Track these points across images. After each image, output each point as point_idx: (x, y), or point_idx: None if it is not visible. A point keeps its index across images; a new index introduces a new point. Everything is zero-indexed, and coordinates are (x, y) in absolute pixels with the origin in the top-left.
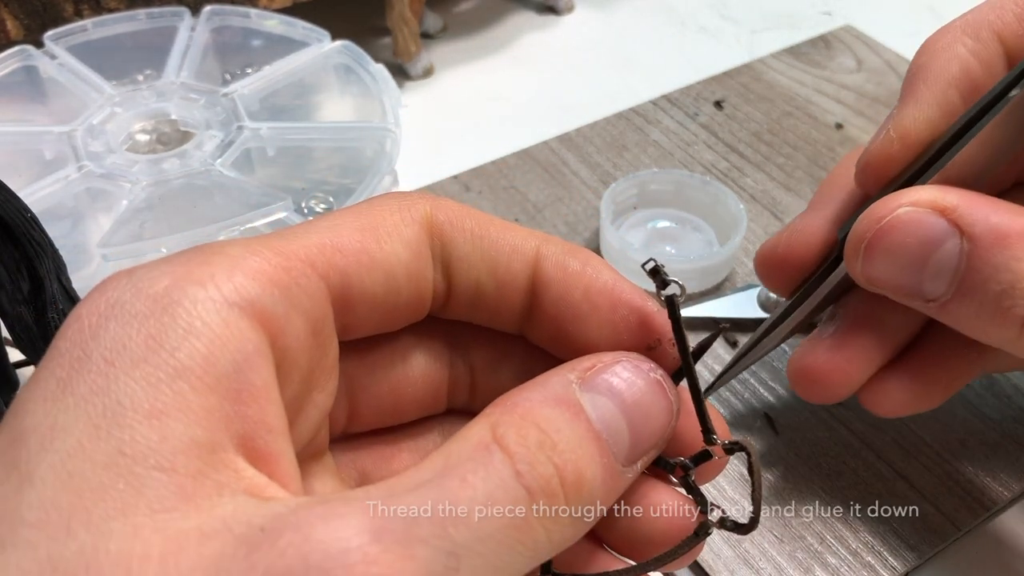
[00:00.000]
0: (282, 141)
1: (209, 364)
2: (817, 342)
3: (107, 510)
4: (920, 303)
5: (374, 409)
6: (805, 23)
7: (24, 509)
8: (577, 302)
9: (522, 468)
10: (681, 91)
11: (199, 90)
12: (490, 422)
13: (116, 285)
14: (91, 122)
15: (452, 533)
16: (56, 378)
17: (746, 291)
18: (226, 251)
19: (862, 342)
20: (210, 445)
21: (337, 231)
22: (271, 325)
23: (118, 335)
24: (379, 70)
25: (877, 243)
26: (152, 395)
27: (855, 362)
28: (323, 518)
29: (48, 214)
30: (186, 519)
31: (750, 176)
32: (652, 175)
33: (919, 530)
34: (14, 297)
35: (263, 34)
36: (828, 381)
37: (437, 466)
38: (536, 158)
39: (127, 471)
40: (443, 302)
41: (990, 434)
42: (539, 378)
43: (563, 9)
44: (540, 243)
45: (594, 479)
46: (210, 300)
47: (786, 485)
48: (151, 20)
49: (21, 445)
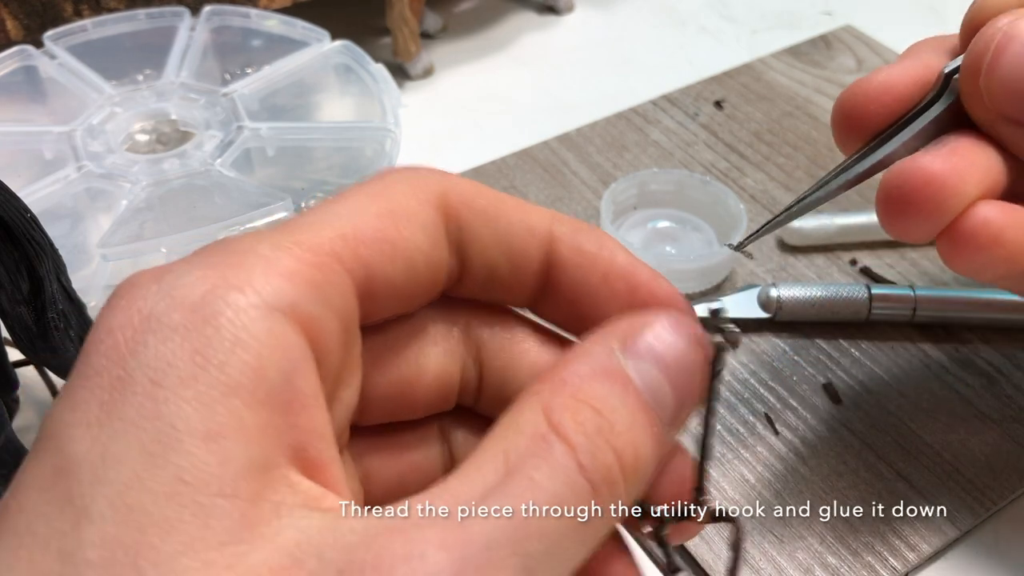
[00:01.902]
0: (282, 141)
1: (259, 377)
2: (927, 152)
3: (175, 545)
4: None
5: (384, 401)
6: (805, 23)
7: (86, 548)
8: (595, 286)
9: (584, 460)
10: (681, 91)
11: (199, 90)
12: (542, 404)
13: (145, 293)
14: (91, 122)
15: (526, 547)
16: (98, 401)
17: (746, 291)
18: (256, 250)
19: (977, 157)
20: (266, 463)
21: (357, 219)
22: (311, 328)
23: (161, 352)
24: (379, 70)
25: (1005, 48)
26: (207, 416)
27: (974, 169)
28: (404, 559)
29: (48, 214)
30: (254, 551)
31: (750, 176)
32: (652, 175)
33: (919, 530)
34: (14, 297)
35: (263, 34)
36: (943, 185)
37: (498, 466)
38: (536, 158)
39: (190, 501)
40: (455, 282)
41: (990, 434)
42: (581, 347)
43: (563, 9)
44: (553, 223)
45: (647, 454)
46: (252, 307)
47: (786, 485)
48: (151, 20)
49: (70, 476)
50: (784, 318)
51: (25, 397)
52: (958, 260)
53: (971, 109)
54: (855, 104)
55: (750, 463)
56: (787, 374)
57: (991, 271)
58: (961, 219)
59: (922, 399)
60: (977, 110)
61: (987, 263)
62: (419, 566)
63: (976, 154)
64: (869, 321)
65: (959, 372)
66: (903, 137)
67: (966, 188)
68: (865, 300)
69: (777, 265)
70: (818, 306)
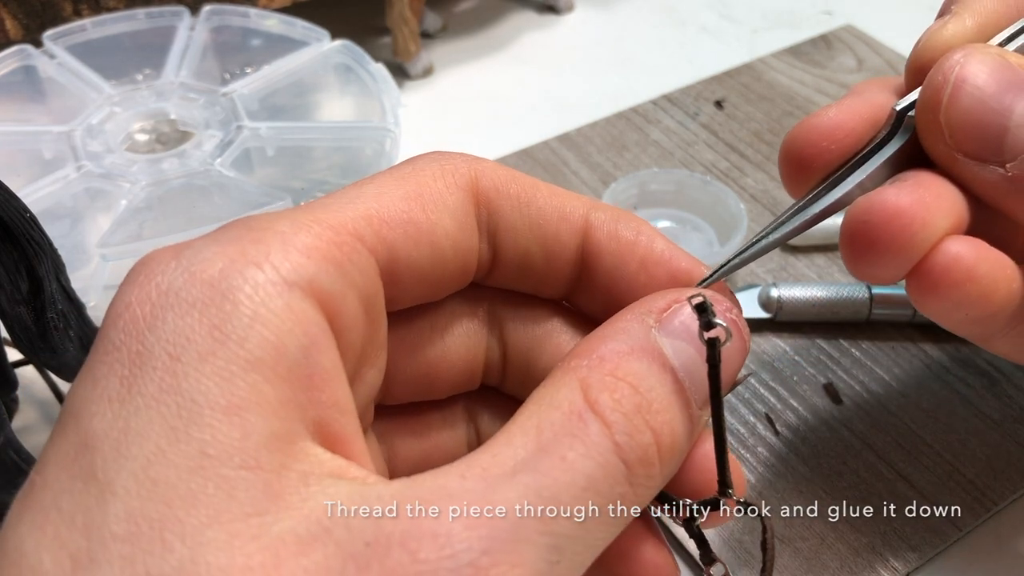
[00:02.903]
0: (281, 141)
1: (279, 352)
2: (891, 186)
3: (200, 518)
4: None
5: (409, 382)
6: (806, 23)
7: (112, 522)
8: (633, 273)
9: (621, 440)
10: (681, 91)
11: (198, 90)
12: (579, 380)
13: (164, 269)
14: (90, 122)
15: (554, 526)
16: (118, 376)
17: (746, 291)
18: (275, 227)
19: (942, 191)
20: (288, 436)
21: (382, 200)
22: (329, 304)
23: (179, 327)
24: (379, 70)
25: (964, 80)
26: (228, 390)
27: (940, 202)
28: (432, 534)
29: (47, 214)
30: (279, 521)
31: (750, 176)
32: (652, 175)
33: (920, 531)
34: (13, 297)
35: (262, 34)
36: (912, 219)
37: (530, 441)
38: (536, 158)
39: (214, 474)
40: (488, 270)
41: (991, 434)
42: (617, 323)
43: (563, 9)
44: (589, 210)
45: (683, 434)
46: (270, 283)
47: (787, 485)
48: (150, 20)
49: (94, 452)
50: (785, 318)
51: (25, 397)
52: (930, 299)
53: (929, 146)
54: (806, 142)
55: (751, 463)
56: (788, 374)
57: (963, 310)
58: (931, 256)
59: (923, 399)
60: (936, 146)
61: (960, 301)
62: (446, 544)
63: (940, 188)
64: (870, 321)
65: (960, 372)
66: (858, 176)
67: (935, 221)
68: (866, 300)
69: (777, 265)
70: (819, 306)
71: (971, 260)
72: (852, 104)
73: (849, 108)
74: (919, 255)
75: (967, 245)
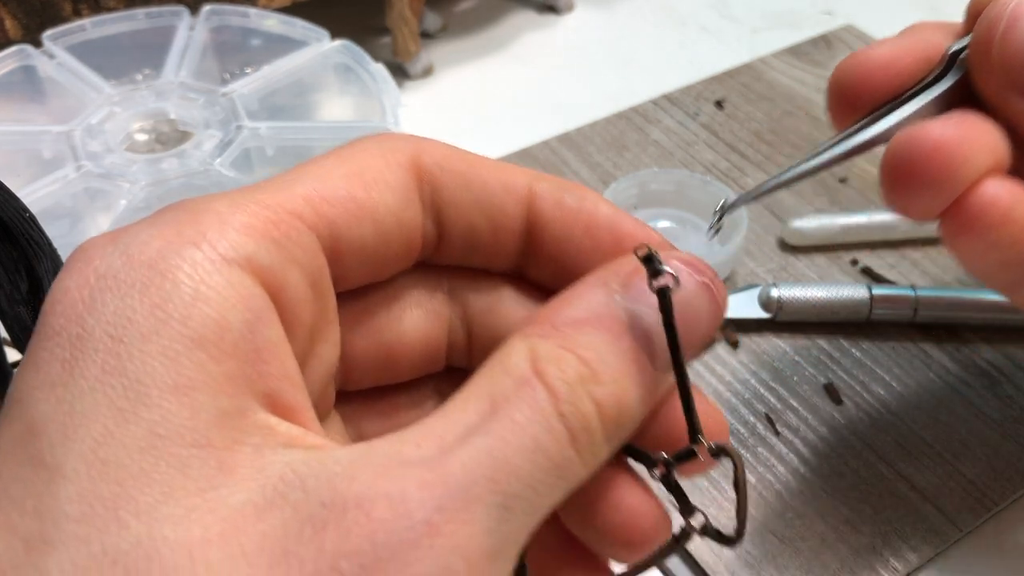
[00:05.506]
0: (281, 141)
1: (223, 328)
2: (935, 121)
3: (155, 495)
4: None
5: (369, 364)
6: (806, 22)
7: (64, 503)
8: (579, 240)
9: (564, 408)
10: (681, 91)
11: (198, 89)
12: (528, 348)
13: (101, 253)
14: (90, 122)
15: (504, 486)
16: (59, 360)
17: (747, 291)
18: (212, 207)
19: (986, 130)
20: (239, 411)
21: (322, 179)
22: (270, 280)
23: (119, 308)
24: (378, 70)
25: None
26: (174, 370)
27: (984, 140)
28: (387, 495)
29: (47, 214)
30: (235, 494)
31: (751, 176)
32: (652, 175)
33: (921, 531)
34: (12, 297)
35: (262, 33)
36: (954, 153)
37: (483, 406)
38: (536, 158)
39: (166, 452)
40: (435, 247)
41: (991, 435)
42: (579, 288)
43: (563, 9)
44: (533, 180)
45: (632, 404)
46: (209, 261)
47: (787, 485)
48: (150, 19)
49: (40, 437)
50: (785, 318)
51: None
52: (963, 238)
53: (981, 84)
54: (856, 76)
55: (751, 463)
56: (788, 374)
57: (996, 252)
58: (969, 195)
59: (923, 399)
60: (987, 83)
61: (994, 242)
62: (400, 504)
63: (985, 127)
64: (870, 321)
65: (960, 372)
66: (905, 111)
67: (976, 158)
68: (866, 300)
69: (778, 265)
70: (819, 306)
71: (1008, 201)
72: (906, 42)
73: (903, 46)
74: (958, 190)
75: (1006, 187)
